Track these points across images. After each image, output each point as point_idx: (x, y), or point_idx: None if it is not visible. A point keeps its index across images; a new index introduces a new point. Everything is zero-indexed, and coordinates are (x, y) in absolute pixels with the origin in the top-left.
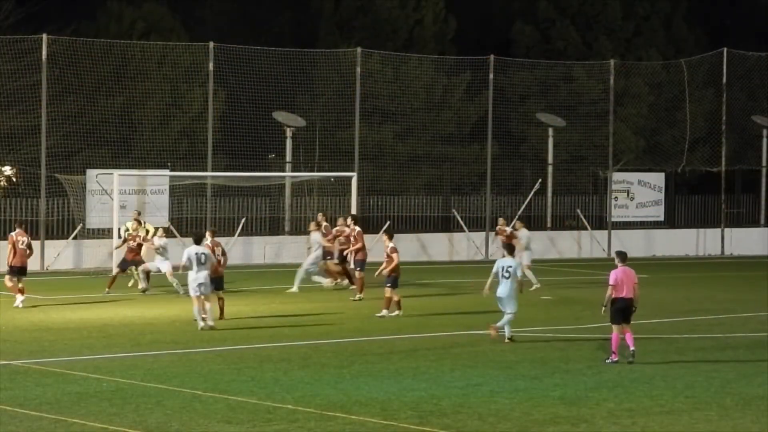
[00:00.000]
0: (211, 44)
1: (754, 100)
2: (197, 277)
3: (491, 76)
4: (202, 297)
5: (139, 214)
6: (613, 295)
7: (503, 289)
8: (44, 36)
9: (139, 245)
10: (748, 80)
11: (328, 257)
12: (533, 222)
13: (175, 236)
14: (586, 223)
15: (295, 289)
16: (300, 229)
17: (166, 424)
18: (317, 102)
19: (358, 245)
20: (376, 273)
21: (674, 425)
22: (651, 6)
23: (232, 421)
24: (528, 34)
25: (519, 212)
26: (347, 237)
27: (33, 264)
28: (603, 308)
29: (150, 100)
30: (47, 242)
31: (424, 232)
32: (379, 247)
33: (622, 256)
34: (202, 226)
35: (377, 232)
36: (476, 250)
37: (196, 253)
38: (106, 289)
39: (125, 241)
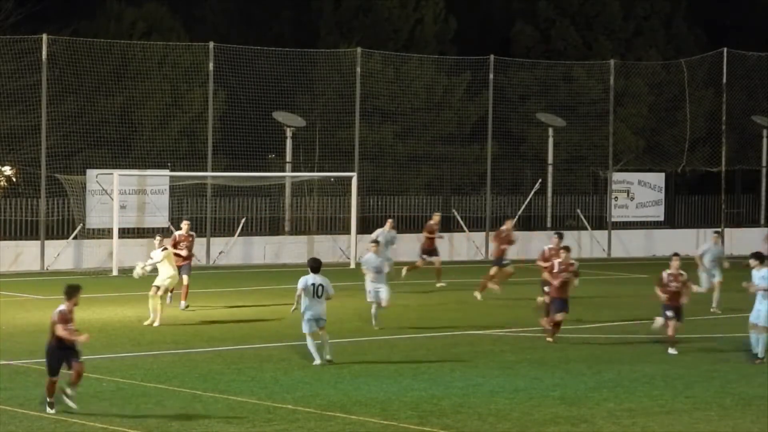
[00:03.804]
0: (211, 44)
1: (754, 100)
2: (311, 311)
3: (491, 76)
4: (318, 331)
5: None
6: None
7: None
8: (44, 36)
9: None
10: (748, 80)
11: (504, 261)
12: (533, 222)
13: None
14: (586, 223)
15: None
16: (300, 229)
17: (166, 424)
18: (317, 102)
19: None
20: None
21: (674, 425)
22: (651, 6)
23: (232, 421)
24: (528, 34)
25: (519, 212)
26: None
27: (33, 264)
28: None
29: (150, 100)
30: (47, 242)
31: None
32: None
33: None
34: (202, 226)
35: None
36: (476, 250)
37: (313, 284)
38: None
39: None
